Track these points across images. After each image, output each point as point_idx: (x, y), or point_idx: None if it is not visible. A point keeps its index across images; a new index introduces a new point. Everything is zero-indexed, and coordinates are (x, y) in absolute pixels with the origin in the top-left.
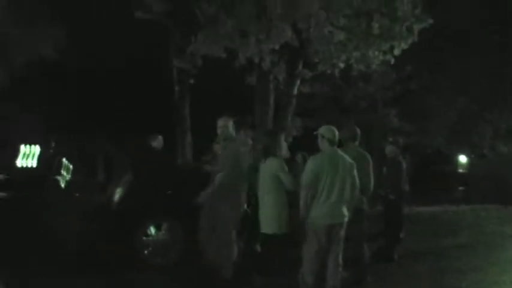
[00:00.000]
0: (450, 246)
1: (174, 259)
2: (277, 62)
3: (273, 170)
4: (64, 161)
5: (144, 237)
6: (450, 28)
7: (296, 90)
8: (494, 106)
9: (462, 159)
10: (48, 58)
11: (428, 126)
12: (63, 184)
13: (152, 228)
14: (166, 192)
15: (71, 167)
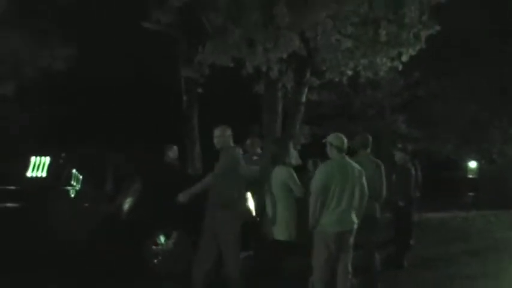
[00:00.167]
0: (460, 252)
1: (184, 268)
2: (285, 70)
3: (283, 178)
4: (73, 171)
5: (154, 247)
6: (458, 35)
7: (304, 98)
8: (504, 112)
9: (472, 164)
10: (59, 72)
11: (437, 133)
12: (72, 194)
13: (162, 237)
14: (176, 201)
15: (80, 177)
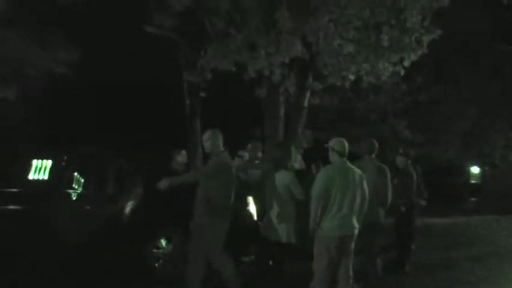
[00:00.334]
0: (462, 258)
1: (184, 272)
2: (287, 74)
3: (285, 182)
4: (75, 174)
5: (155, 250)
6: (459, 39)
7: (306, 103)
8: (504, 115)
9: (474, 169)
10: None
11: (439, 138)
12: (74, 197)
13: (163, 241)
14: (177, 205)
15: (82, 180)
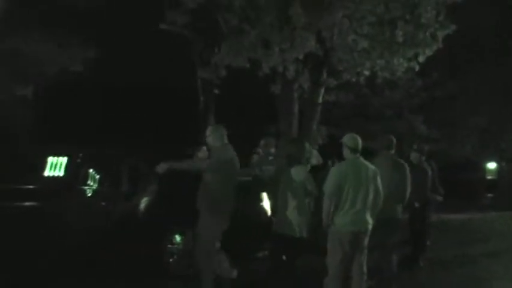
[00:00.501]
0: (478, 254)
1: (199, 267)
2: (301, 70)
3: (300, 178)
4: (90, 171)
5: (169, 245)
6: (474, 34)
7: (321, 99)
8: None
9: (491, 165)
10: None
11: (455, 133)
12: (89, 193)
13: (177, 237)
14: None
15: (97, 177)
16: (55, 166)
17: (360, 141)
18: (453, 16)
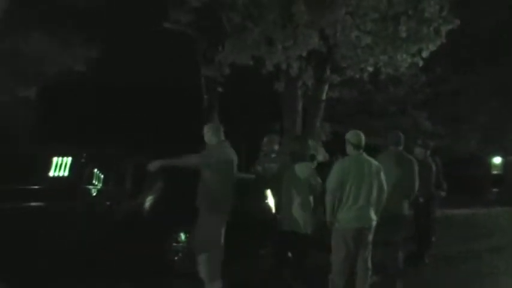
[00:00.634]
0: (482, 249)
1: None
2: (305, 68)
3: (305, 174)
4: (95, 170)
5: (175, 244)
6: (477, 29)
7: (324, 96)
8: None
9: (496, 160)
10: (80, 73)
11: (460, 129)
12: (94, 193)
13: (182, 235)
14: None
15: (101, 176)
16: (60, 166)
17: (363, 137)
18: (456, 11)
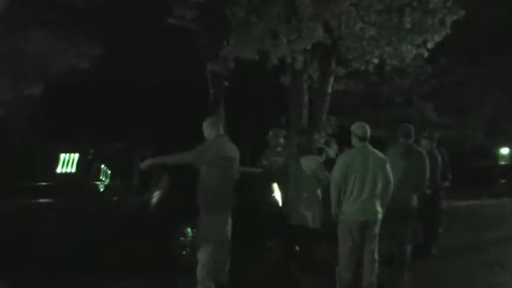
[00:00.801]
0: (490, 240)
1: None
2: (310, 61)
3: (312, 167)
4: (102, 166)
5: (182, 238)
6: (484, 19)
7: (330, 89)
8: None
9: (504, 151)
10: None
11: (466, 119)
12: (101, 189)
13: (189, 229)
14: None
15: (109, 172)
16: (67, 163)
17: (369, 129)
18: (461, 1)
